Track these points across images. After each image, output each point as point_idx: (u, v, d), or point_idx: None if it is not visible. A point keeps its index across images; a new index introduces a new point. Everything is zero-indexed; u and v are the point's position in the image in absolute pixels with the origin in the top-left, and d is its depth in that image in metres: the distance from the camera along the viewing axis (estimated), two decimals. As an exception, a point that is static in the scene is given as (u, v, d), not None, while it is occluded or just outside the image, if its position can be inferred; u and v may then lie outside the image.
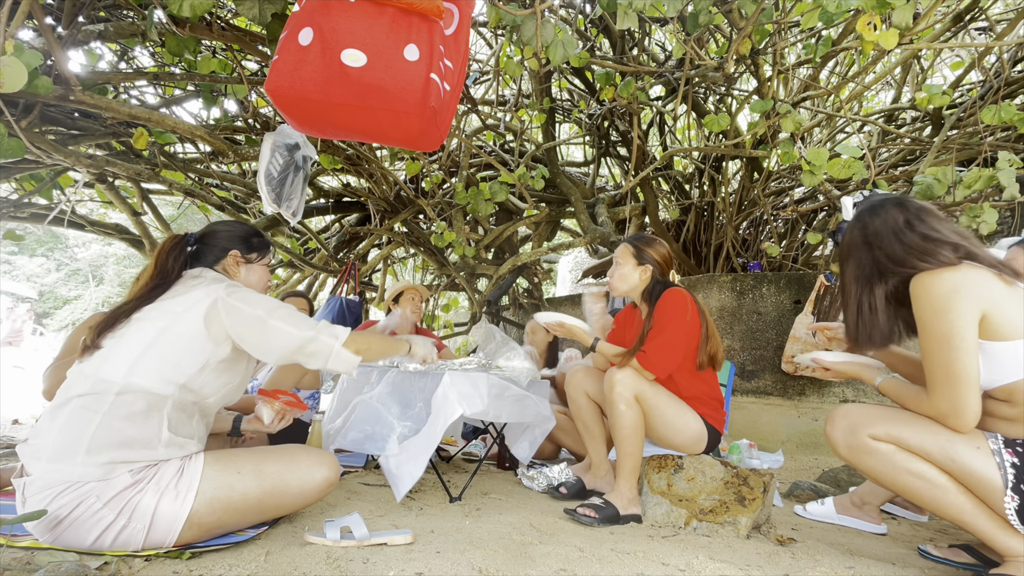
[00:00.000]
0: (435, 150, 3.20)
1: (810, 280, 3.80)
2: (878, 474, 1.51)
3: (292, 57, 1.76)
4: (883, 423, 1.48)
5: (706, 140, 4.83)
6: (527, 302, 5.82)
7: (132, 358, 1.40)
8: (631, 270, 2.22)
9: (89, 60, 3.12)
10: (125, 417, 1.37)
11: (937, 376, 1.38)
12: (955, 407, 1.36)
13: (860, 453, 1.52)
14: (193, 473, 1.40)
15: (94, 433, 1.33)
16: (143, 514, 1.34)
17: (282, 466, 1.53)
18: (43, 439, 1.35)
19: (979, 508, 1.40)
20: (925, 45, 3.04)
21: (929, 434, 1.42)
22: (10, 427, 3.88)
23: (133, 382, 1.38)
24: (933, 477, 1.42)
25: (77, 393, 1.38)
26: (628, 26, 2.34)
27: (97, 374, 1.39)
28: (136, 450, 1.36)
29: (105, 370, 1.39)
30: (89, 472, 1.31)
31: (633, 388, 2.00)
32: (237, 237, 1.71)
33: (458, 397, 1.99)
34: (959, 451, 1.38)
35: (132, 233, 4.18)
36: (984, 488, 1.36)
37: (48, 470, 1.31)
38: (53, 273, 20.21)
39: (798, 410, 3.66)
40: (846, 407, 1.59)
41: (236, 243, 1.70)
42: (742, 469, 1.96)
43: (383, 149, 4.61)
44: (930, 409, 1.41)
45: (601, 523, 1.86)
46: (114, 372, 1.38)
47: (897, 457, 1.46)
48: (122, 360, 1.40)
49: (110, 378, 1.38)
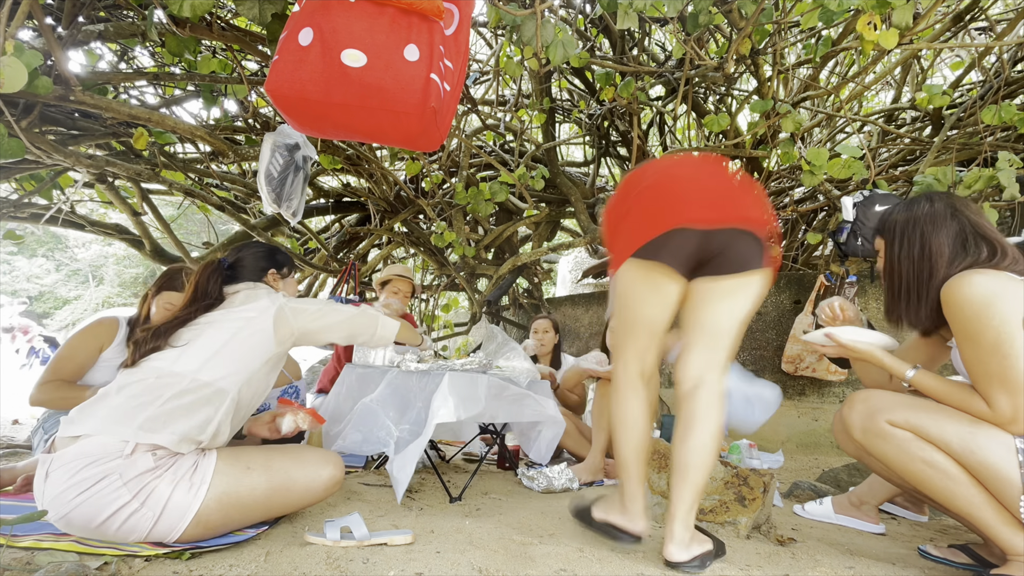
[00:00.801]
0: (435, 150, 3.20)
1: (810, 280, 3.80)
2: (891, 460, 1.49)
3: (292, 57, 1.76)
4: (903, 410, 1.47)
5: (706, 140, 4.83)
6: (527, 302, 5.82)
7: (206, 356, 1.53)
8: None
9: (89, 60, 3.11)
10: (186, 408, 1.45)
11: (994, 384, 1.36)
12: (1018, 412, 1.34)
13: (875, 438, 1.50)
14: (207, 468, 1.44)
15: (158, 409, 1.42)
16: (156, 501, 1.36)
17: (289, 463, 1.57)
18: (99, 406, 1.43)
19: (988, 502, 1.39)
20: (925, 45, 3.04)
21: (950, 424, 1.41)
22: (10, 427, 3.88)
23: (202, 377, 1.50)
24: (947, 467, 1.41)
25: (138, 379, 1.47)
26: (628, 26, 2.34)
27: (171, 368, 1.49)
28: (174, 438, 1.42)
29: (179, 365, 1.50)
30: (128, 446, 1.37)
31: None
32: (267, 256, 1.89)
33: (456, 400, 1.99)
34: (980, 443, 1.36)
35: (132, 233, 4.18)
36: (1000, 483, 1.35)
37: (98, 427, 1.38)
38: (53, 273, 20.20)
39: (798, 410, 3.66)
40: (866, 392, 1.58)
41: (268, 262, 1.89)
42: (742, 469, 1.96)
43: (383, 149, 4.61)
44: (991, 416, 1.38)
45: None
46: (186, 367, 1.50)
47: (913, 445, 1.45)
48: (195, 358, 1.52)
49: (182, 372, 1.49)
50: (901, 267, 1.56)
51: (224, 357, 1.55)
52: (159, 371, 1.49)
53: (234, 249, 1.91)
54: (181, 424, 1.43)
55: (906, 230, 1.56)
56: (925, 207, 1.56)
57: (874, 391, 1.58)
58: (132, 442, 1.37)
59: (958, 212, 1.52)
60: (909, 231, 1.55)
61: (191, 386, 1.48)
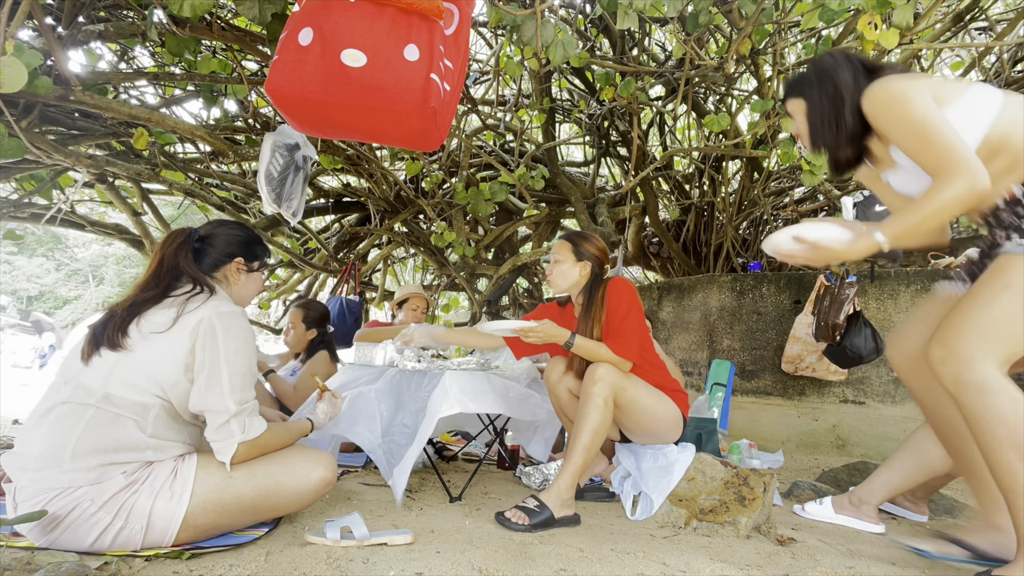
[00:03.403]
0: (435, 150, 3.20)
1: (810, 280, 3.80)
2: (983, 428, 1.32)
3: (292, 57, 1.76)
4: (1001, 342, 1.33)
5: (706, 140, 4.83)
6: (527, 302, 5.82)
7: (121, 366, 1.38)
8: (571, 267, 2.23)
9: (89, 60, 3.11)
10: (110, 422, 1.35)
11: (939, 159, 1.39)
12: (970, 172, 1.34)
13: (974, 392, 1.32)
14: (187, 474, 1.40)
15: (79, 439, 1.32)
16: (139, 515, 1.33)
17: (276, 468, 1.52)
18: (28, 448, 1.34)
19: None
20: (925, 45, 3.04)
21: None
22: (10, 427, 3.88)
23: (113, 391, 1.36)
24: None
25: (61, 400, 1.37)
26: (628, 26, 2.34)
27: (87, 382, 1.37)
28: (123, 453, 1.36)
29: (88, 378, 1.37)
30: (78, 477, 1.31)
31: (613, 384, 1.96)
32: (242, 243, 1.67)
33: (459, 393, 1.98)
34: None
35: (132, 233, 4.18)
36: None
37: (35, 479, 1.31)
38: (53, 273, 20.20)
39: (798, 410, 3.66)
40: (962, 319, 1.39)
41: (241, 249, 1.66)
42: (742, 469, 1.96)
43: (383, 149, 4.61)
44: (951, 188, 1.36)
45: (532, 529, 1.73)
46: (93, 380, 1.37)
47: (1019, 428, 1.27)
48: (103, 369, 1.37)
49: (91, 385, 1.36)
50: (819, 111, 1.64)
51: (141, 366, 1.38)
52: (71, 384, 1.38)
53: (212, 223, 1.70)
54: (115, 440, 1.34)
55: (812, 81, 1.65)
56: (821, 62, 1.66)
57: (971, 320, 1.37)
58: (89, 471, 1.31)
59: (850, 57, 1.62)
60: (814, 81, 1.64)
61: (105, 400, 1.35)
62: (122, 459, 1.35)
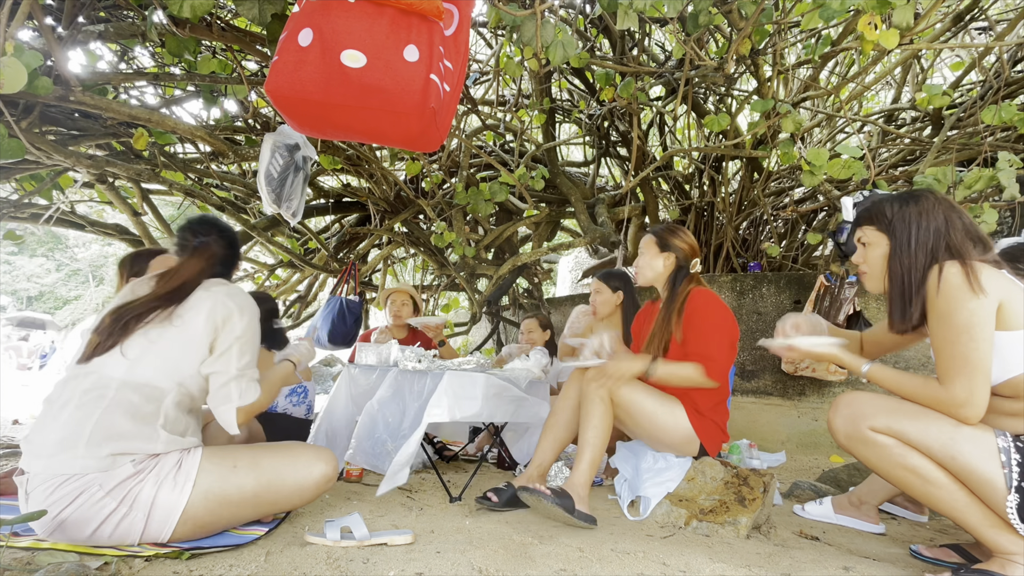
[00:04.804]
0: (435, 150, 3.20)
1: (810, 280, 3.80)
2: (874, 466, 1.53)
3: (292, 58, 1.76)
4: (885, 415, 1.48)
5: (706, 140, 4.83)
6: (527, 302, 5.81)
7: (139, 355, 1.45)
8: (653, 257, 2.24)
9: (89, 60, 3.11)
10: (125, 411, 1.40)
11: (956, 365, 1.38)
12: (972, 397, 1.36)
13: (859, 444, 1.54)
14: (191, 466, 1.43)
15: (94, 426, 1.36)
16: (142, 504, 1.36)
17: (279, 461, 1.55)
18: (44, 435, 1.38)
19: (972, 504, 1.40)
20: (925, 45, 3.04)
21: (933, 429, 1.42)
22: (10, 427, 3.88)
23: (133, 378, 1.43)
24: (928, 474, 1.43)
25: (82, 389, 1.42)
26: (628, 26, 2.34)
27: (111, 373, 1.44)
28: (134, 442, 1.39)
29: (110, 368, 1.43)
30: (90, 464, 1.34)
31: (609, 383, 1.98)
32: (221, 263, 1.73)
33: (451, 401, 2.00)
34: (962, 449, 1.37)
35: (132, 233, 4.18)
36: (985, 487, 1.36)
37: (49, 465, 1.34)
38: (53, 273, 20.20)
39: (798, 410, 3.66)
40: (851, 395, 1.58)
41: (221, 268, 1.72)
42: (742, 469, 1.96)
43: (383, 149, 4.61)
44: (946, 397, 1.40)
45: (554, 502, 1.75)
46: (114, 370, 1.43)
47: (895, 452, 1.47)
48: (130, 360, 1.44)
49: (112, 374, 1.42)
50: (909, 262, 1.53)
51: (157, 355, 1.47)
52: (92, 375, 1.43)
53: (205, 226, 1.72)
54: (128, 429, 1.39)
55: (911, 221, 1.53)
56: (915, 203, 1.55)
57: (858, 394, 1.57)
58: (102, 457, 1.35)
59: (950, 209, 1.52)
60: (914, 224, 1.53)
61: (124, 388, 1.42)
62: (133, 448, 1.38)
